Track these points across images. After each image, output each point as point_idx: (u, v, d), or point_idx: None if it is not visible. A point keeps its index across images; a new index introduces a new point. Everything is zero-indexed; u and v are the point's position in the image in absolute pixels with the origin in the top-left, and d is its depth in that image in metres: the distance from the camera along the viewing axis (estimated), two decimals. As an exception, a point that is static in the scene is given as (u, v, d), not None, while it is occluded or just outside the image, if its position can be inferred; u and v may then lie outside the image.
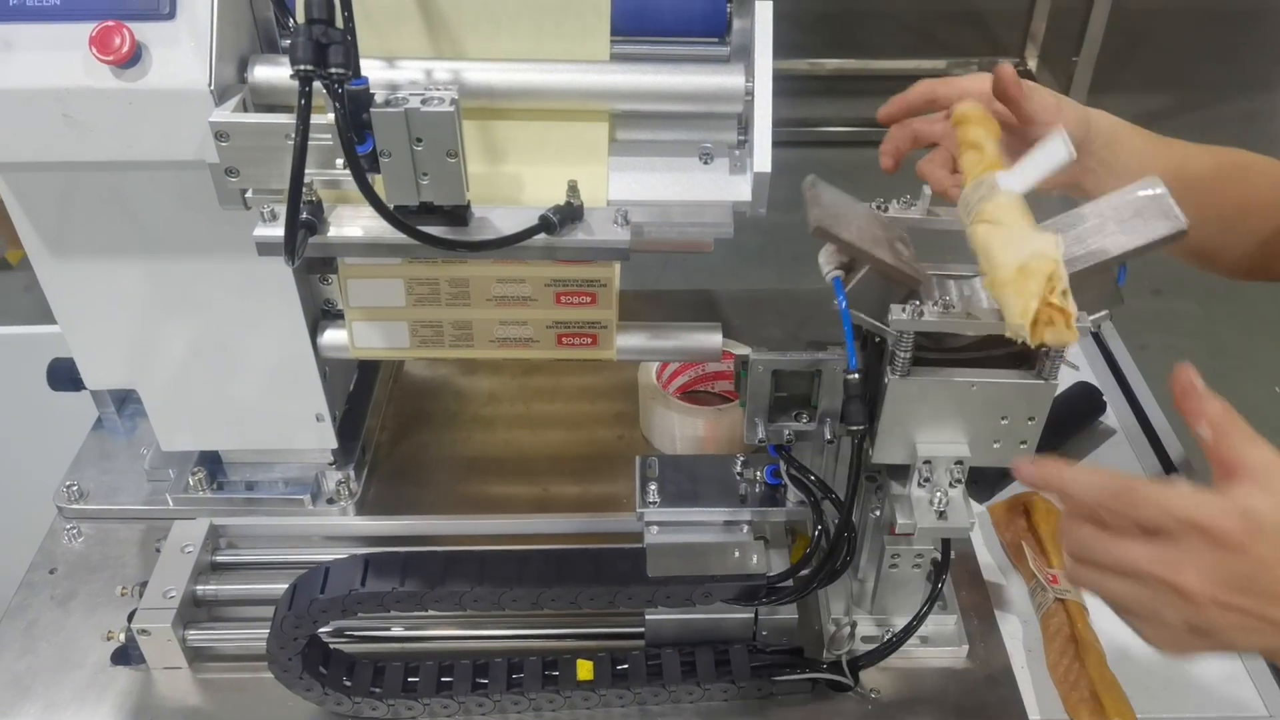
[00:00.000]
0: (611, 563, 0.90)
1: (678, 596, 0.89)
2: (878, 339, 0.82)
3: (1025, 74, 3.85)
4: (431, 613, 0.90)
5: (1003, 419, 0.83)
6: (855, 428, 0.82)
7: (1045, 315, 0.70)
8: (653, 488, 0.95)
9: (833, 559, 0.89)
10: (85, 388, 1.05)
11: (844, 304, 0.78)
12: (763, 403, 0.87)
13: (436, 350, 0.97)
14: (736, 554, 0.90)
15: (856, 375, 0.80)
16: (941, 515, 0.85)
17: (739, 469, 0.97)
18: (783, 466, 0.92)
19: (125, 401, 1.19)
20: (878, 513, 0.92)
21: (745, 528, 0.94)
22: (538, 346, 0.96)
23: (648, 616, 0.94)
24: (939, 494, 0.85)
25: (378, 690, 0.90)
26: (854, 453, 0.84)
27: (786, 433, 0.88)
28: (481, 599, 0.88)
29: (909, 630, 0.94)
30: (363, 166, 0.72)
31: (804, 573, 0.91)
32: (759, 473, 0.97)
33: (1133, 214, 0.78)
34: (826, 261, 0.81)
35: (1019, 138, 0.90)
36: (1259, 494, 0.63)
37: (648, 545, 0.91)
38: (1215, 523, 0.63)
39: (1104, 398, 1.27)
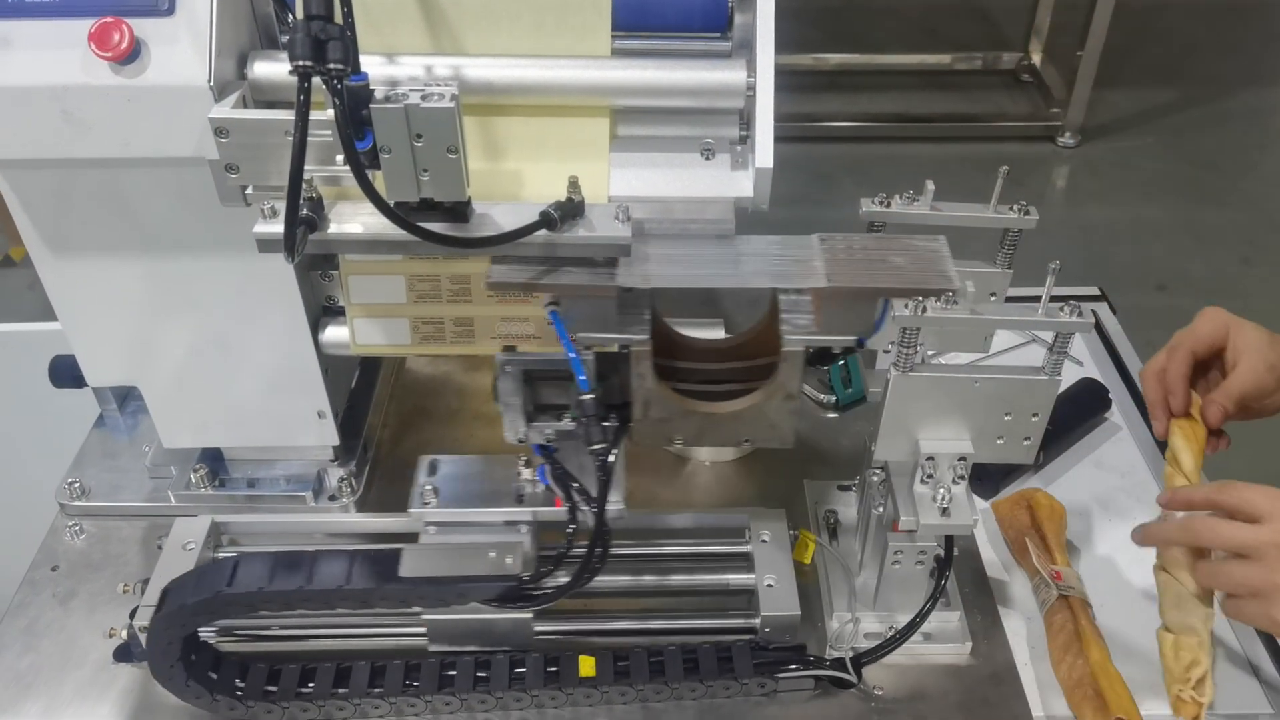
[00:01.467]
0: (370, 564, 0.88)
1: (431, 597, 0.88)
2: (623, 349, 0.82)
3: (1029, 68, 3.85)
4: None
5: (1006, 415, 0.83)
6: (596, 447, 0.82)
7: (1179, 708, 0.91)
8: (428, 488, 0.94)
9: (586, 566, 0.87)
10: (87, 385, 1.05)
11: (562, 330, 0.80)
12: (516, 403, 0.86)
13: (438, 347, 0.97)
14: (493, 554, 0.88)
15: (591, 396, 0.81)
16: (945, 512, 0.85)
17: (520, 469, 0.95)
18: (547, 468, 0.90)
19: (127, 398, 1.19)
20: (880, 509, 0.92)
21: (524, 528, 0.93)
22: (539, 342, 0.96)
23: (425, 617, 0.93)
24: (942, 490, 0.84)
25: (378, 689, 0.90)
26: (599, 470, 0.84)
27: (548, 433, 0.87)
28: (235, 602, 0.86)
29: (912, 627, 0.94)
30: (362, 163, 0.71)
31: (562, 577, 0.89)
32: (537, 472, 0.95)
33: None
34: (544, 305, 0.82)
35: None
36: None
37: (405, 547, 0.89)
38: None
39: (1109, 394, 1.27)
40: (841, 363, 1.23)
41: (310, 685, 0.91)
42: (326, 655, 0.94)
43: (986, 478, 1.14)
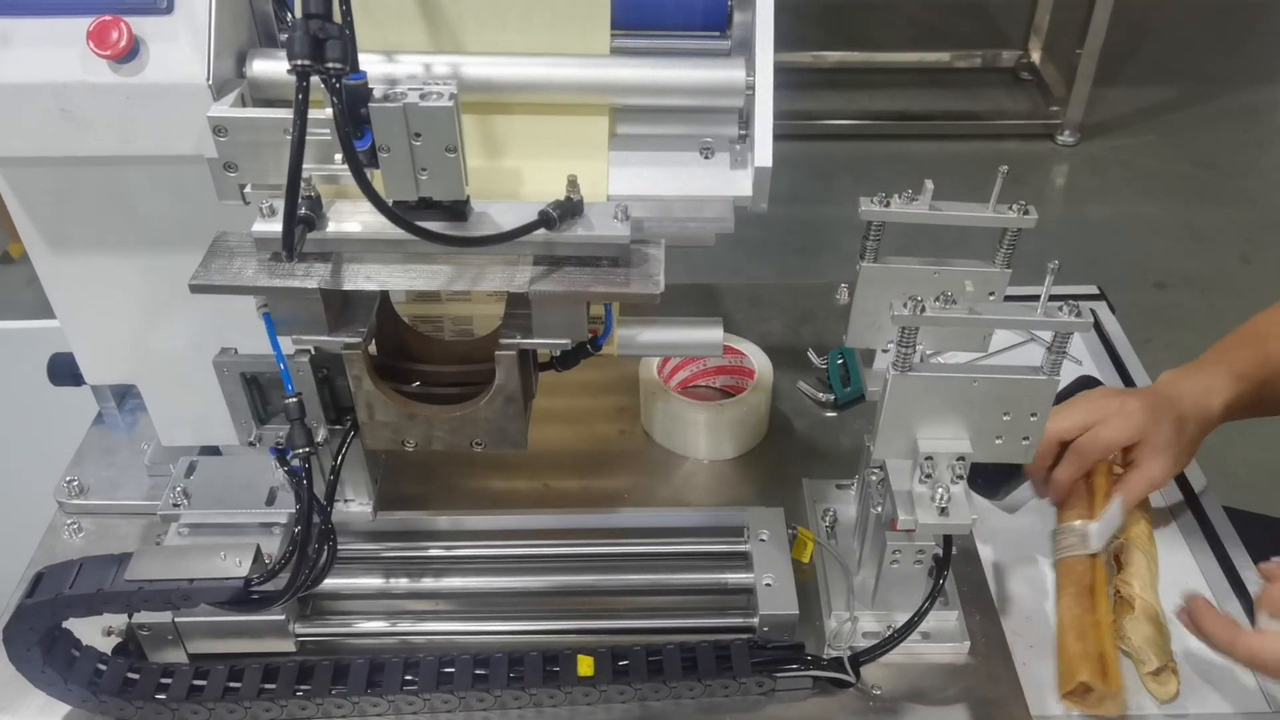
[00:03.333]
0: (101, 568, 0.86)
1: (157, 600, 0.85)
2: (340, 350, 0.82)
3: (1028, 66, 3.85)
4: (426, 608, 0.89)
5: (1005, 415, 0.83)
6: (299, 451, 0.82)
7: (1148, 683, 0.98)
8: (180, 489, 0.93)
9: (301, 567, 0.86)
10: (86, 383, 1.05)
11: (272, 334, 0.80)
12: (241, 404, 0.86)
13: (437, 346, 0.97)
14: (223, 556, 0.86)
15: (296, 399, 0.81)
16: (943, 511, 0.84)
17: (276, 469, 0.92)
18: (280, 470, 0.88)
19: (126, 396, 1.19)
20: (879, 508, 0.92)
21: (276, 528, 0.93)
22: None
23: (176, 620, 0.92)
24: (940, 490, 0.84)
25: (375, 687, 0.90)
26: (298, 478, 0.84)
27: (280, 435, 0.87)
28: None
29: (910, 626, 0.94)
30: (361, 162, 0.71)
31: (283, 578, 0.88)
32: None
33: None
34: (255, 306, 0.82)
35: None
36: None
37: (137, 550, 0.87)
38: None
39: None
40: (840, 361, 1.24)
41: (309, 683, 0.91)
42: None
43: (990, 479, 1.14)
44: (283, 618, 0.94)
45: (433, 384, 0.89)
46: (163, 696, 0.90)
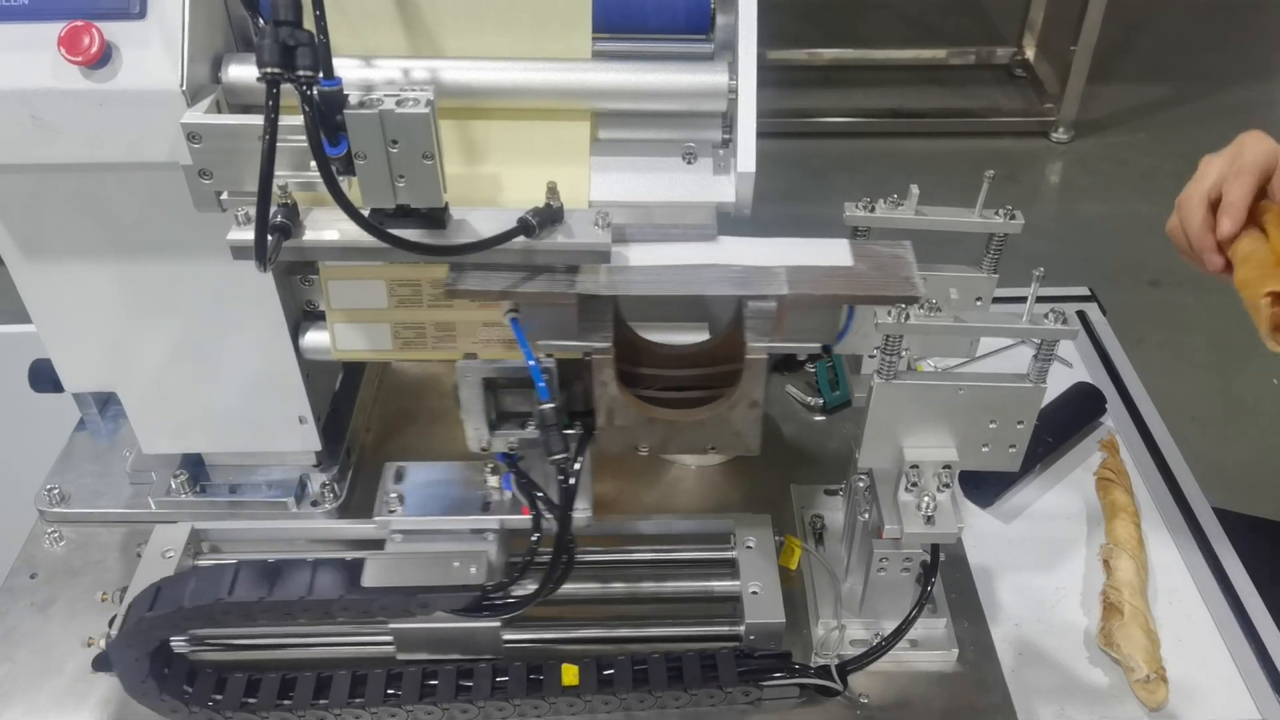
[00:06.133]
0: (332, 573, 0.87)
1: (394, 607, 0.87)
2: (585, 356, 0.82)
3: (1022, 63, 3.84)
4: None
5: (991, 423, 0.82)
6: (556, 456, 0.81)
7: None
8: (394, 495, 0.93)
9: (551, 575, 0.87)
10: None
11: (522, 338, 0.80)
12: (478, 410, 0.85)
13: (419, 352, 0.95)
14: (456, 564, 0.87)
15: (551, 406, 0.80)
16: (929, 520, 0.84)
17: (487, 476, 0.94)
18: (512, 476, 0.89)
19: (108, 403, 1.18)
20: (866, 516, 0.91)
21: (490, 535, 0.92)
22: (521, 348, 0.95)
23: (391, 625, 0.92)
24: (926, 498, 0.84)
25: (359, 699, 0.89)
26: (560, 479, 0.83)
27: (511, 441, 0.87)
28: (192, 616, 0.85)
29: (898, 634, 0.93)
30: (332, 170, 0.70)
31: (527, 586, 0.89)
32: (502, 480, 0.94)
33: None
34: (503, 313, 0.82)
35: None
36: None
37: (368, 556, 0.88)
38: None
39: (1105, 402, 1.26)
40: (829, 364, 1.23)
41: (290, 696, 0.90)
42: (305, 664, 0.93)
43: (983, 486, 1.13)
44: (497, 625, 0.92)
45: (659, 388, 0.87)
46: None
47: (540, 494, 0.88)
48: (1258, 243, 0.88)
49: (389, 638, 0.94)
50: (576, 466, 0.84)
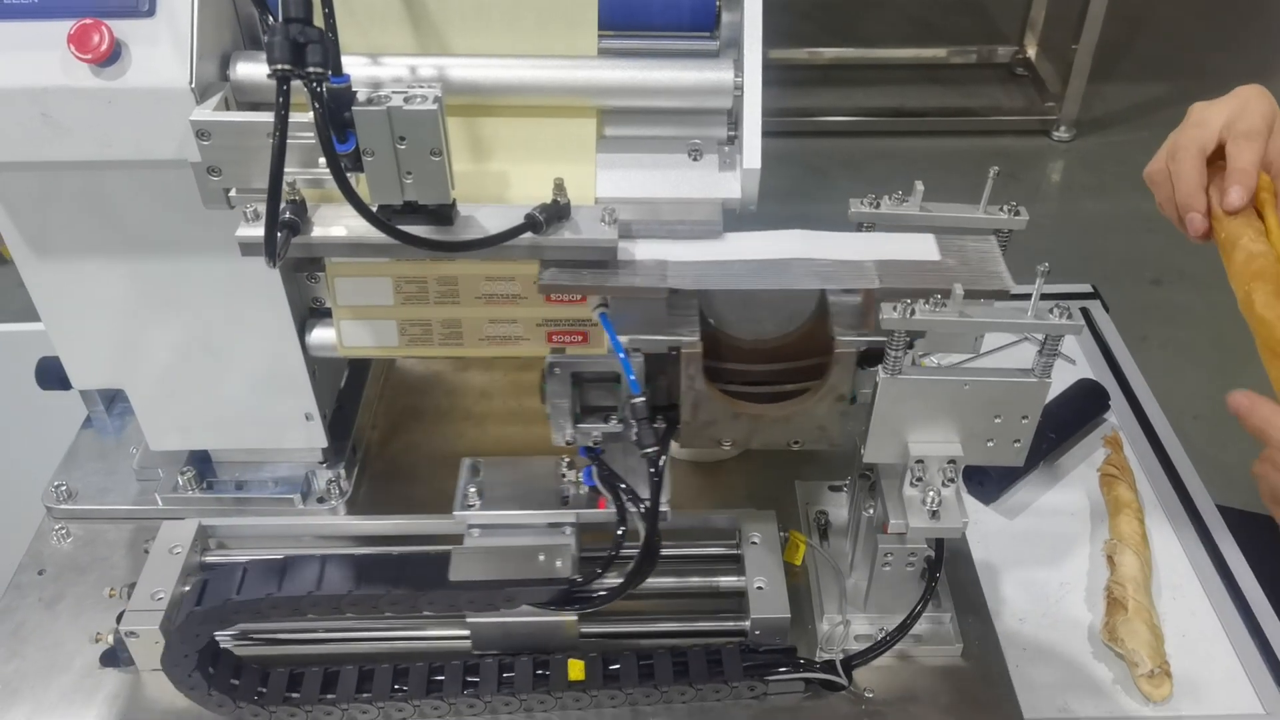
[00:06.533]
0: (418, 567, 0.88)
1: (480, 601, 0.87)
2: (672, 351, 0.82)
3: (1024, 62, 3.84)
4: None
5: (996, 418, 0.82)
6: (648, 450, 0.82)
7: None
8: (472, 490, 0.93)
9: (642, 568, 0.87)
10: (73, 387, 1.04)
11: (612, 332, 0.80)
12: (564, 404, 0.86)
13: (425, 349, 0.96)
14: (542, 558, 0.88)
15: (642, 399, 0.80)
16: (934, 515, 0.84)
17: (564, 470, 0.95)
18: (594, 469, 0.90)
19: (115, 400, 1.18)
20: (870, 511, 0.92)
21: (568, 529, 0.92)
22: (527, 344, 0.95)
23: (469, 619, 0.92)
24: (931, 493, 0.84)
25: (367, 694, 0.90)
26: (652, 472, 0.83)
27: (595, 435, 0.87)
28: (280, 605, 0.85)
29: (903, 629, 0.93)
30: (342, 166, 0.71)
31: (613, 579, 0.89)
32: (581, 474, 0.95)
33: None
34: (590, 307, 0.83)
35: None
36: None
37: (453, 550, 0.89)
38: None
39: (1108, 398, 1.26)
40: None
41: (297, 691, 0.90)
42: (313, 660, 0.93)
43: (988, 482, 1.14)
44: (575, 618, 0.93)
45: (740, 382, 0.87)
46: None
47: (624, 486, 0.88)
48: (1260, 241, 0.83)
49: (384, 634, 0.94)
50: (662, 461, 0.84)
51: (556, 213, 0.77)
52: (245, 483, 1.08)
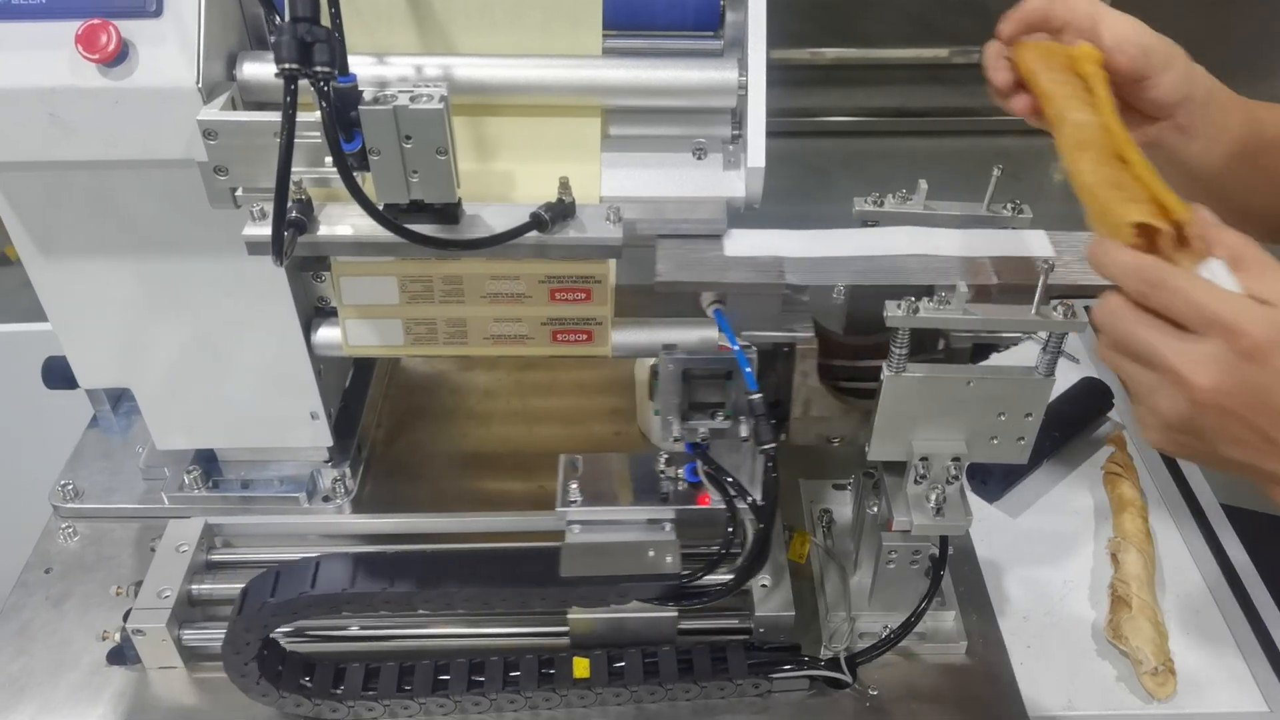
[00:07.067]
0: (527, 563, 0.89)
1: (592, 598, 0.88)
2: (785, 348, 0.82)
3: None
4: (422, 612, 0.89)
5: (1000, 415, 0.83)
6: (766, 446, 0.82)
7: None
8: (574, 486, 0.94)
9: (756, 564, 0.88)
10: (79, 386, 1.04)
11: (728, 330, 0.81)
12: (673, 401, 0.86)
13: (430, 348, 0.96)
14: (651, 553, 0.89)
15: (759, 395, 0.81)
16: (939, 512, 0.84)
17: (662, 467, 0.96)
18: (700, 465, 0.91)
19: (121, 399, 1.18)
20: (875, 509, 0.92)
21: (667, 526, 0.93)
22: (532, 343, 0.95)
23: (570, 616, 0.93)
24: (936, 491, 0.84)
25: (372, 691, 0.90)
26: (766, 470, 0.84)
27: (702, 431, 0.88)
28: (393, 600, 0.86)
29: (907, 627, 0.94)
30: (349, 165, 0.71)
31: (724, 575, 0.90)
32: (681, 471, 0.96)
33: None
34: (704, 303, 0.83)
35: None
36: None
37: (563, 546, 0.90)
38: (1243, 327, 0.59)
39: (1112, 397, 1.26)
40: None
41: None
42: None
43: (992, 480, 1.14)
44: (674, 614, 0.93)
45: (848, 378, 0.88)
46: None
47: (730, 480, 0.89)
48: (1085, 112, 0.78)
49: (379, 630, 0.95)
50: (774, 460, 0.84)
51: (562, 211, 0.78)
52: (251, 481, 1.08)
